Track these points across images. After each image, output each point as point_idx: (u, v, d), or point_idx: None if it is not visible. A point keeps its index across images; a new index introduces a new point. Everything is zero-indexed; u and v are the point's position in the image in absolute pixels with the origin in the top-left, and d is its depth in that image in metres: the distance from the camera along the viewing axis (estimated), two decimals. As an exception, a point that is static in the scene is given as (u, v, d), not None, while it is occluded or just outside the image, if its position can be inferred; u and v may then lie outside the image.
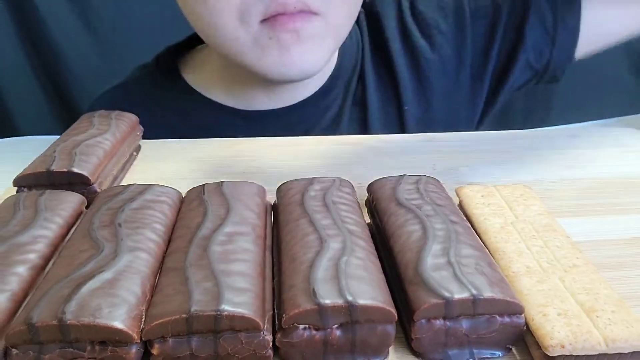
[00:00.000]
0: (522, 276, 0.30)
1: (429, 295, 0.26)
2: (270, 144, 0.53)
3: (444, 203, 0.34)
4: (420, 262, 0.28)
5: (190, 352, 0.25)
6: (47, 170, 0.38)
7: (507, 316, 0.27)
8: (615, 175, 0.47)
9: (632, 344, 0.26)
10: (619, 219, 0.40)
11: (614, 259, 0.35)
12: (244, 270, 0.27)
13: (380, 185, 0.36)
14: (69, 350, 0.25)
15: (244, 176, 0.43)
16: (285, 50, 0.53)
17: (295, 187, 0.35)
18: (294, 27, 0.52)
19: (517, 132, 0.61)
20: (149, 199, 0.34)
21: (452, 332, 0.27)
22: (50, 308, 0.24)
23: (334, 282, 0.26)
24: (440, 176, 0.39)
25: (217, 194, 0.34)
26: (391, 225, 0.32)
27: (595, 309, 0.27)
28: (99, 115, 0.48)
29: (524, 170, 0.48)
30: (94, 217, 0.32)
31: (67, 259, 0.28)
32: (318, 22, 0.53)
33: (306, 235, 0.30)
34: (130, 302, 0.25)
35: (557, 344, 0.25)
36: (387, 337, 0.26)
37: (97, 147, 0.42)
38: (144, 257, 0.28)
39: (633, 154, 0.52)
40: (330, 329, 0.26)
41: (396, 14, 0.66)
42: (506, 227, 0.34)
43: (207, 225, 0.31)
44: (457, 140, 0.55)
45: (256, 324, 0.25)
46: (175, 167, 0.49)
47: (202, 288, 0.26)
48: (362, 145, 0.53)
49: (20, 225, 0.31)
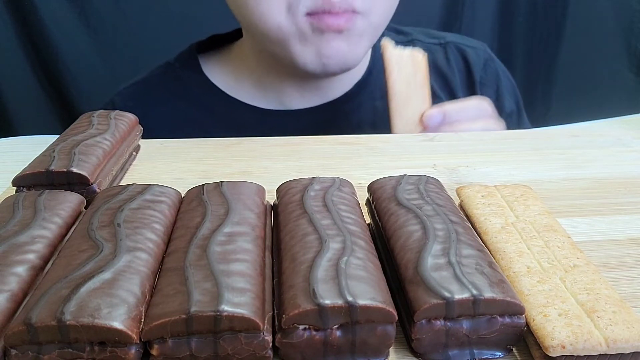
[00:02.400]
0: (523, 276, 0.30)
1: (429, 296, 0.26)
2: (270, 143, 0.53)
3: (444, 203, 0.34)
4: (420, 262, 0.28)
5: (190, 352, 0.25)
6: (46, 170, 0.38)
7: (508, 316, 0.27)
8: (615, 175, 0.47)
9: (633, 344, 0.26)
10: (619, 219, 0.40)
11: (614, 259, 0.35)
12: (243, 271, 0.27)
13: (380, 185, 0.36)
14: (68, 350, 0.24)
15: (244, 176, 0.43)
16: (326, 44, 0.56)
17: (295, 187, 0.35)
18: (338, 25, 0.55)
19: (517, 132, 0.62)
20: (149, 199, 0.34)
21: (453, 332, 0.27)
22: (49, 308, 0.24)
23: (334, 282, 0.26)
24: (440, 176, 0.39)
25: (216, 194, 0.34)
26: (391, 225, 0.32)
27: (596, 310, 0.27)
28: (98, 115, 0.48)
29: (524, 170, 0.48)
30: (93, 217, 0.31)
31: (66, 259, 0.28)
32: (360, 21, 0.56)
33: (306, 235, 0.30)
34: (129, 303, 0.25)
35: (557, 345, 0.25)
36: (387, 338, 0.26)
37: (96, 147, 0.42)
38: (143, 257, 0.28)
39: (633, 154, 0.51)
40: (330, 329, 0.26)
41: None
42: (507, 227, 0.34)
43: (206, 225, 0.31)
44: (457, 140, 0.55)
45: (256, 324, 0.25)
46: (175, 167, 0.49)
47: (201, 288, 0.25)
48: (362, 145, 0.53)
49: (19, 225, 0.31)
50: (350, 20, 0.55)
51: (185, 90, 0.67)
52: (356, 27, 0.56)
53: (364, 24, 0.56)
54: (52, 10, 0.97)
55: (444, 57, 0.71)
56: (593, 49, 1.12)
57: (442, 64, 0.70)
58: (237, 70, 0.67)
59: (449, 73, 0.70)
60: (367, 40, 0.59)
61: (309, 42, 0.56)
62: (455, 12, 1.09)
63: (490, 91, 0.71)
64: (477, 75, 0.71)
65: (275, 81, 0.64)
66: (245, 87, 0.66)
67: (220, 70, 0.67)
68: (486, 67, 0.71)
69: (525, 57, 1.14)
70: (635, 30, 1.09)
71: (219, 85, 0.66)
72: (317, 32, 0.55)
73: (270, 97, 0.65)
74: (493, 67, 0.72)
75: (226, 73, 0.67)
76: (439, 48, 0.71)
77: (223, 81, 0.67)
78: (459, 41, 0.72)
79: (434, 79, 0.69)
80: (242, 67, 0.66)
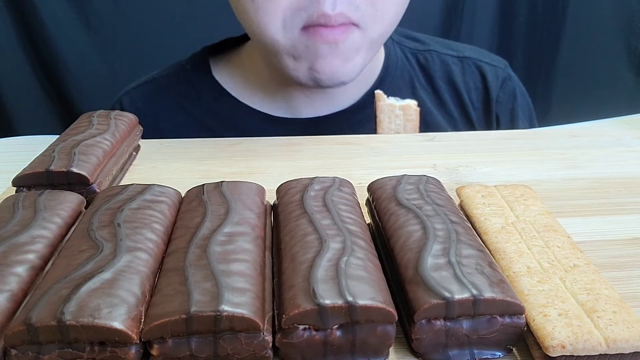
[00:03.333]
0: (523, 276, 0.30)
1: (429, 296, 0.26)
2: (270, 143, 0.53)
3: (444, 203, 0.34)
4: (420, 262, 0.28)
5: (189, 352, 0.25)
6: (46, 170, 0.38)
7: (508, 316, 0.27)
8: (615, 175, 0.47)
9: (633, 344, 0.26)
10: (619, 219, 0.40)
11: (614, 259, 0.35)
12: (243, 271, 0.27)
13: (380, 185, 0.36)
14: (68, 350, 0.24)
15: (244, 176, 0.43)
16: (320, 59, 0.54)
17: (295, 187, 0.35)
18: (334, 39, 0.53)
19: (517, 132, 0.62)
20: (148, 199, 0.34)
21: (453, 332, 0.27)
22: (49, 308, 0.24)
23: (334, 282, 0.26)
24: (440, 176, 0.39)
25: (216, 194, 0.34)
26: (391, 225, 0.32)
27: (596, 310, 0.27)
28: (98, 115, 0.48)
29: (524, 170, 0.48)
30: (93, 217, 0.31)
31: (66, 259, 0.28)
32: (357, 34, 0.55)
33: (306, 235, 0.30)
34: (129, 303, 0.25)
35: (557, 345, 0.25)
36: (387, 338, 0.26)
37: (96, 147, 0.42)
38: (143, 257, 0.28)
39: (633, 154, 0.51)
40: (330, 329, 0.26)
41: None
42: (507, 227, 0.34)
43: (206, 225, 0.31)
44: (457, 140, 0.55)
45: (256, 324, 0.25)
46: (175, 167, 0.49)
47: (201, 288, 0.25)
48: (362, 145, 0.53)
49: (19, 225, 0.31)
50: (346, 33, 0.54)
51: (195, 93, 0.67)
52: (352, 41, 0.54)
53: (361, 38, 0.55)
54: (52, 10, 0.97)
55: (460, 71, 0.70)
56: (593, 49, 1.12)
57: (457, 79, 0.69)
58: (246, 73, 0.66)
59: (463, 88, 0.69)
60: (363, 54, 0.57)
61: (301, 57, 0.55)
62: (455, 12, 1.09)
63: (505, 110, 0.70)
64: (493, 94, 0.70)
65: (282, 86, 0.64)
66: (254, 91, 0.65)
67: (229, 73, 0.67)
68: (504, 86, 0.70)
69: (525, 57, 1.14)
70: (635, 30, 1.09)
71: (229, 90, 0.66)
72: (311, 49, 0.54)
73: (278, 103, 0.65)
74: (511, 86, 0.71)
75: (235, 76, 0.67)
76: (456, 61, 0.70)
77: (233, 85, 0.66)
78: (478, 57, 0.71)
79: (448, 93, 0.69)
80: (250, 71, 0.66)
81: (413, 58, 0.69)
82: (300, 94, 0.63)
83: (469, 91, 0.69)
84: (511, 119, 0.70)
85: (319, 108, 0.64)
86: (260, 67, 0.65)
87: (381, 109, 0.55)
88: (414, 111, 0.56)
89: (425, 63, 0.69)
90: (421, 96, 0.67)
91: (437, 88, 0.68)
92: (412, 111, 0.56)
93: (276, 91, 0.64)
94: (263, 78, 0.65)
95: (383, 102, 0.55)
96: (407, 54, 0.69)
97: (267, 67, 0.63)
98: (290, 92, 0.64)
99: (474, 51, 0.73)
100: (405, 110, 0.56)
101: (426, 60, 0.69)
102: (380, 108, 0.55)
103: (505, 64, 0.73)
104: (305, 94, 0.63)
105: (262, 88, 0.65)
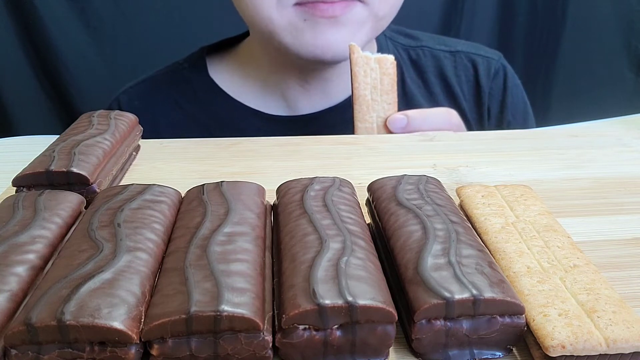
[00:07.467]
0: (523, 276, 0.30)
1: (429, 296, 0.26)
2: (270, 143, 0.53)
3: (444, 203, 0.34)
4: (420, 262, 0.28)
5: (189, 352, 0.25)
6: (46, 170, 0.38)
7: (508, 316, 0.27)
8: (615, 175, 0.47)
9: (633, 344, 0.26)
10: (619, 219, 0.40)
11: (614, 259, 0.35)
12: (243, 271, 0.27)
13: (380, 185, 0.36)
14: (68, 350, 0.24)
15: (244, 176, 0.43)
16: (320, 33, 0.54)
17: (295, 187, 0.35)
18: (333, 13, 0.53)
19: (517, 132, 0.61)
20: (148, 199, 0.34)
21: (453, 332, 0.27)
22: (49, 308, 0.24)
23: (334, 282, 0.26)
24: (440, 176, 0.39)
25: (216, 194, 0.34)
26: (391, 225, 0.32)
27: (596, 310, 0.27)
28: (98, 115, 0.48)
29: (524, 170, 0.48)
30: (93, 217, 0.31)
31: (66, 259, 0.28)
32: (360, 9, 0.55)
33: (306, 235, 0.30)
34: (129, 303, 0.25)
35: (557, 345, 0.25)
36: (387, 338, 0.26)
37: (96, 147, 0.42)
38: (143, 257, 0.28)
39: (633, 154, 0.51)
40: (330, 329, 0.26)
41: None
42: (507, 227, 0.34)
43: (206, 225, 0.31)
44: (457, 140, 0.55)
45: (256, 324, 0.25)
46: (175, 167, 0.49)
47: (201, 288, 0.25)
48: (362, 145, 0.53)
49: (19, 225, 0.31)
50: (347, 8, 0.54)
51: (191, 91, 0.67)
52: (355, 15, 0.54)
53: (365, 12, 0.55)
54: (52, 10, 0.97)
55: (452, 65, 0.70)
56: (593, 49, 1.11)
57: (449, 72, 0.69)
58: (243, 70, 0.66)
59: (455, 82, 0.69)
60: (368, 30, 0.57)
61: (300, 33, 0.55)
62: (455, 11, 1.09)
63: (496, 102, 0.70)
64: (485, 86, 0.70)
65: (280, 80, 0.64)
66: (250, 89, 0.66)
67: (226, 72, 0.67)
68: (495, 78, 0.70)
69: (525, 57, 1.14)
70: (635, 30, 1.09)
71: (224, 88, 0.66)
72: (309, 23, 0.54)
73: (275, 99, 0.65)
74: (502, 78, 0.71)
75: (232, 75, 0.67)
76: (448, 55, 0.70)
77: (229, 83, 0.66)
78: (471, 51, 0.71)
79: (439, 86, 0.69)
80: (247, 67, 0.66)
81: (405, 54, 0.69)
82: (297, 86, 0.64)
83: (460, 84, 0.69)
84: (500, 110, 0.70)
85: (316, 101, 0.64)
86: (257, 61, 0.65)
87: (355, 62, 0.54)
88: (390, 64, 0.54)
89: (417, 59, 0.69)
90: (412, 90, 0.67)
91: (428, 82, 0.69)
92: (389, 64, 0.54)
93: (273, 86, 0.64)
94: (260, 73, 0.65)
95: (357, 55, 0.53)
96: (399, 50, 0.69)
97: (265, 57, 0.63)
98: (287, 85, 0.64)
99: (467, 45, 0.73)
100: (381, 63, 0.54)
101: (417, 55, 0.69)
102: (355, 61, 0.54)
103: (500, 55, 0.72)
104: (303, 85, 0.63)
105: (258, 85, 0.65)
